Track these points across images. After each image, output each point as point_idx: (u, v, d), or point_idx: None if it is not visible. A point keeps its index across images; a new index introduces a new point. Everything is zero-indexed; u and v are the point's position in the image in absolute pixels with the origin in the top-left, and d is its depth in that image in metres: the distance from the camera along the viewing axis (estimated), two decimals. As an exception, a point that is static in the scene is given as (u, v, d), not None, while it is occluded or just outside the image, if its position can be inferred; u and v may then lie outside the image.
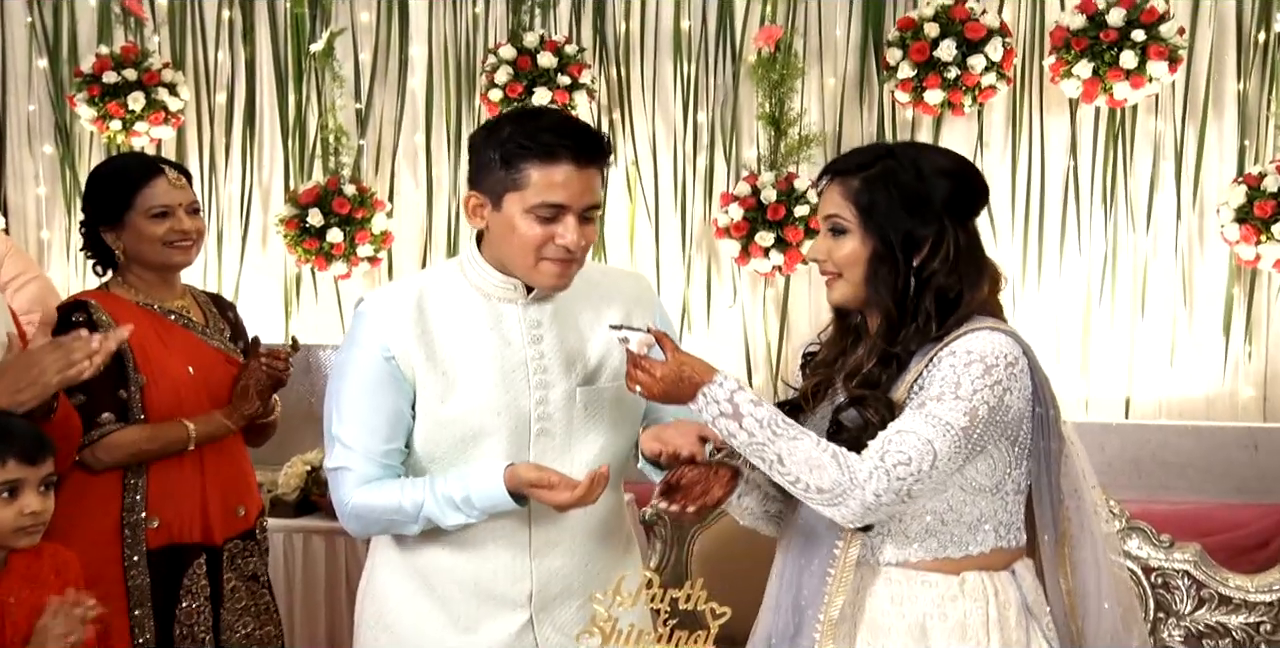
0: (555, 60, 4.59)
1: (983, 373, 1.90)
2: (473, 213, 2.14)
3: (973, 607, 1.98)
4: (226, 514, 2.84)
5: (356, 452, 2.16)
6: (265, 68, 4.98)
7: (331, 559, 3.98)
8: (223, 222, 5.01)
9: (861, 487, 1.85)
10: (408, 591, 2.25)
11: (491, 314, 2.18)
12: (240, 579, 2.87)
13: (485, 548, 2.20)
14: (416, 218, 4.96)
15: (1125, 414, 4.49)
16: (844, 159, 2.09)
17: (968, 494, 1.97)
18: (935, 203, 1.98)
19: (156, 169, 2.81)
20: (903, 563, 2.01)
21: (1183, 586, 2.87)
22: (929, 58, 4.31)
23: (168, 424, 2.73)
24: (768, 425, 1.89)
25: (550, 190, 2.05)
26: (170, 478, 2.76)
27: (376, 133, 4.96)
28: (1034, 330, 4.49)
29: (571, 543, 2.23)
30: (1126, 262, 4.51)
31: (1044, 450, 2.00)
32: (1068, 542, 2.05)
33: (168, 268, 2.82)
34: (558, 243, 2.07)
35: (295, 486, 4.09)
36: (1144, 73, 4.19)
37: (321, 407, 2.23)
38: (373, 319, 2.17)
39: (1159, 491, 4.20)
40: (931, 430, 1.86)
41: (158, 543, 2.74)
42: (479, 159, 2.12)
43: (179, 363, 2.77)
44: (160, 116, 4.77)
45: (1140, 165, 4.49)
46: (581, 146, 2.07)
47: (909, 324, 1.96)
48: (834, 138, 4.68)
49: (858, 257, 1.99)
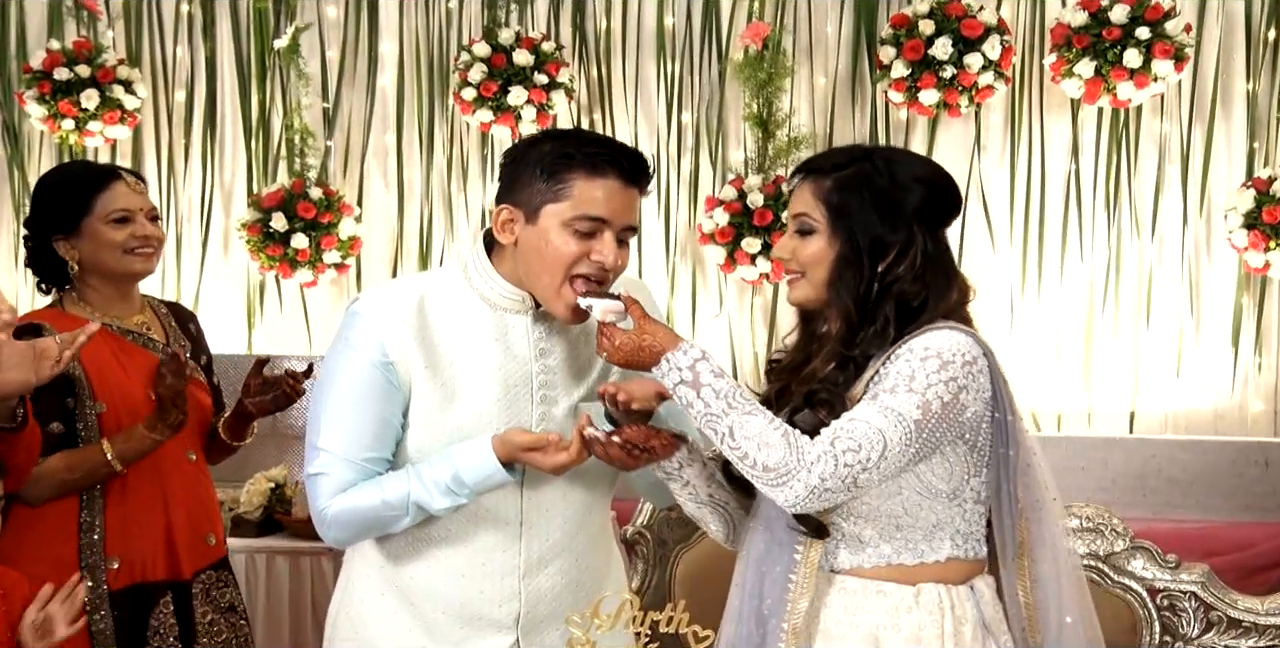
0: (532, 58, 4.58)
1: (939, 368, 1.93)
2: (502, 228, 2.13)
3: (927, 619, 2.01)
4: (196, 544, 2.78)
5: (336, 456, 2.14)
6: (227, 64, 4.95)
7: (297, 581, 3.95)
8: (182, 227, 4.97)
9: (808, 469, 1.88)
10: (387, 608, 2.23)
11: (498, 325, 2.18)
12: (217, 612, 2.81)
13: (473, 569, 2.19)
14: (387, 223, 4.94)
15: (1130, 429, 4.49)
16: (819, 159, 2.13)
17: (924, 498, 1.99)
18: (907, 209, 2.02)
19: (114, 173, 2.79)
20: (858, 570, 2.03)
21: (1189, 608, 2.86)
22: (924, 56, 4.31)
23: (84, 450, 2.66)
24: (724, 397, 1.92)
25: (593, 203, 2.07)
26: (130, 512, 2.69)
27: (344, 133, 4.94)
28: (1034, 341, 4.52)
29: (562, 563, 2.23)
30: (1130, 269, 4.52)
31: (1003, 458, 2.02)
32: (1027, 554, 2.08)
33: (128, 277, 2.77)
34: (593, 259, 2.08)
35: (258, 504, 4.06)
36: (1149, 72, 4.20)
37: (285, 421, 2.22)
38: (370, 320, 2.15)
39: (1165, 508, 4.20)
40: (883, 420, 1.89)
41: (120, 584, 2.68)
42: (515, 172, 2.13)
43: (139, 388, 2.71)
44: (115, 116, 4.74)
45: (1145, 169, 4.50)
46: (628, 164, 2.10)
47: (867, 328, 2.01)
48: (824, 139, 4.68)
49: (823, 257, 2.03)
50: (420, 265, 4.88)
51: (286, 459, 4.52)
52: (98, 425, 2.66)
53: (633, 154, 2.13)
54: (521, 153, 2.14)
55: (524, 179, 2.11)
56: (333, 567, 3.86)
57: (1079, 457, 4.32)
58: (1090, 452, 4.33)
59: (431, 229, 4.89)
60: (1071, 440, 4.40)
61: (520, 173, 2.12)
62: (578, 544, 2.24)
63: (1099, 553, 2.87)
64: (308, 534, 3.94)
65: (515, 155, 2.15)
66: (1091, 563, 2.86)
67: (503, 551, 2.19)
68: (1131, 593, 2.86)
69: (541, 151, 2.10)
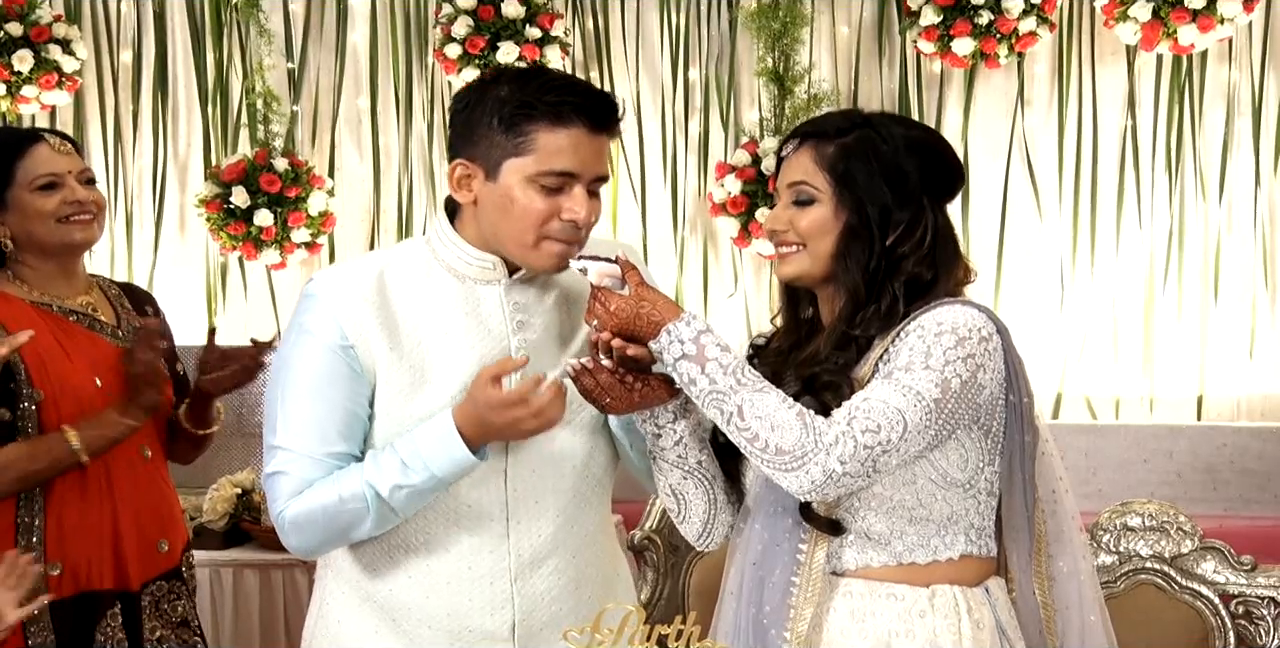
0: (523, 9, 4.57)
1: (955, 344, 1.95)
2: (459, 185, 2.13)
3: (943, 624, 2.01)
4: (145, 551, 2.76)
5: (296, 453, 2.12)
6: (178, 21, 4.95)
7: (267, 596, 3.95)
8: (132, 203, 4.97)
9: (826, 451, 1.88)
10: (366, 628, 2.21)
11: (468, 298, 2.17)
12: (167, 627, 2.80)
13: (458, 574, 2.17)
14: (361, 196, 4.94)
15: (1197, 416, 4.48)
16: (816, 123, 2.14)
17: (939, 488, 2.01)
18: (914, 180, 2.06)
19: (34, 135, 2.78)
20: (864, 572, 2.04)
21: (1268, 616, 2.85)
22: (957, 1, 4.29)
23: (45, 438, 2.63)
24: (732, 373, 1.93)
25: (559, 157, 2.06)
26: (72, 512, 2.67)
27: (312, 97, 4.93)
28: (1088, 320, 4.51)
29: (557, 561, 2.21)
30: (1196, 237, 4.50)
31: (1019, 444, 2.04)
32: (1043, 549, 2.11)
33: (68, 249, 2.77)
34: (564, 218, 2.08)
35: (223, 512, 4.05)
36: (1214, 13, 4.17)
37: (253, 419, 2.20)
38: (325, 302, 2.14)
39: (1238, 504, 4.19)
40: (902, 400, 1.91)
41: (63, 593, 2.64)
42: (468, 121, 2.12)
43: (84, 374, 2.70)
44: (53, 79, 4.72)
45: (1211, 123, 4.48)
46: (595, 109, 2.08)
47: (870, 307, 2.03)
48: (848, 97, 4.67)
49: (827, 227, 2.05)
50: (400, 241, 4.86)
51: (254, 463, 4.51)
52: (36, 415, 2.64)
53: (599, 96, 2.11)
54: (475, 99, 2.12)
55: (479, 130, 2.09)
56: (306, 581, 3.86)
57: (1140, 448, 4.32)
58: (1153, 442, 4.33)
59: (411, 202, 4.89)
60: (1131, 429, 4.39)
61: (475, 123, 2.10)
62: (574, 540, 2.22)
63: (1164, 555, 2.86)
64: (278, 545, 3.92)
65: (468, 101, 2.12)
66: (1156, 566, 2.85)
67: (489, 551, 2.17)
68: (1202, 599, 2.84)
69: (498, 97, 2.08)
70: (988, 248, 4.58)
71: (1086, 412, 4.55)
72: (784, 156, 2.14)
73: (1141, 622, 2.77)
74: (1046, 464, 2.11)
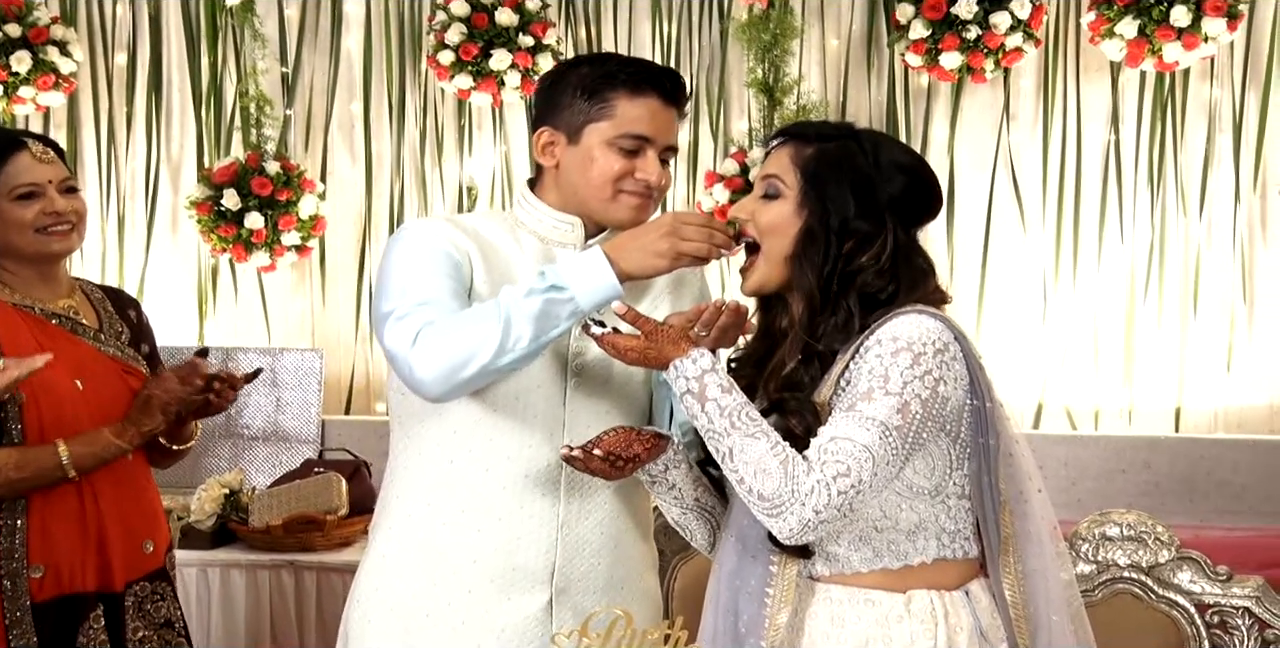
0: (516, 18, 4.58)
1: (911, 363, 1.97)
2: (543, 151, 2.31)
3: (920, 629, 2.04)
4: (130, 552, 2.75)
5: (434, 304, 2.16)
6: (173, 24, 4.96)
7: (254, 598, 3.94)
8: (124, 205, 4.97)
9: (801, 502, 1.92)
10: (411, 561, 2.30)
11: (547, 256, 2.31)
12: (150, 628, 2.79)
13: (510, 513, 2.27)
14: (353, 200, 4.94)
15: (1175, 427, 4.51)
16: (805, 125, 2.21)
17: (903, 498, 2.04)
18: (882, 198, 2.08)
19: (16, 142, 2.74)
20: (840, 577, 2.08)
21: (1243, 626, 2.86)
22: (946, 15, 4.31)
23: (36, 449, 2.63)
24: (728, 415, 1.98)
25: (637, 122, 2.25)
26: (55, 514, 2.66)
27: (305, 101, 4.94)
28: (1069, 332, 4.53)
29: (601, 517, 2.32)
30: (1176, 251, 4.52)
31: (983, 447, 2.06)
32: (1012, 549, 2.13)
33: (44, 259, 2.75)
34: (638, 177, 2.26)
35: (211, 512, 4.04)
36: (1198, 31, 4.19)
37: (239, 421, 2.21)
38: (429, 228, 2.27)
39: (1214, 515, 4.22)
40: (866, 435, 1.94)
41: (45, 595, 2.64)
42: (553, 94, 2.31)
43: (65, 376, 2.68)
44: (49, 80, 4.72)
45: (1193, 139, 4.51)
46: (669, 83, 2.28)
47: (828, 319, 2.07)
48: (837, 107, 4.68)
49: (786, 225, 2.09)
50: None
51: (241, 463, 4.52)
52: (19, 417, 2.64)
53: (672, 74, 2.31)
54: (559, 76, 2.32)
55: (564, 100, 2.28)
56: (294, 582, 3.86)
57: (1119, 458, 4.34)
58: (1132, 453, 4.35)
59: (403, 207, 4.89)
60: (1111, 440, 4.41)
61: (559, 95, 2.29)
62: (618, 501, 2.33)
63: (1141, 564, 2.87)
64: (266, 546, 3.94)
65: (553, 79, 2.33)
66: (1134, 576, 2.86)
67: (543, 494, 2.28)
68: (1178, 609, 2.86)
69: (580, 73, 2.28)
70: (972, 260, 4.61)
71: (1067, 422, 4.57)
72: (768, 152, 2.19)
73: (1118, 631, 2.78)
74: (1015, 466, 2.13)
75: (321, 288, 4.97)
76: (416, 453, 2.31)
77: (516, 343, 2.09)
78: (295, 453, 4.61)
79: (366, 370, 4.97)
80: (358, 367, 4.96)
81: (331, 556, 3.91)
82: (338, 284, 4.98)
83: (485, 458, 2.26)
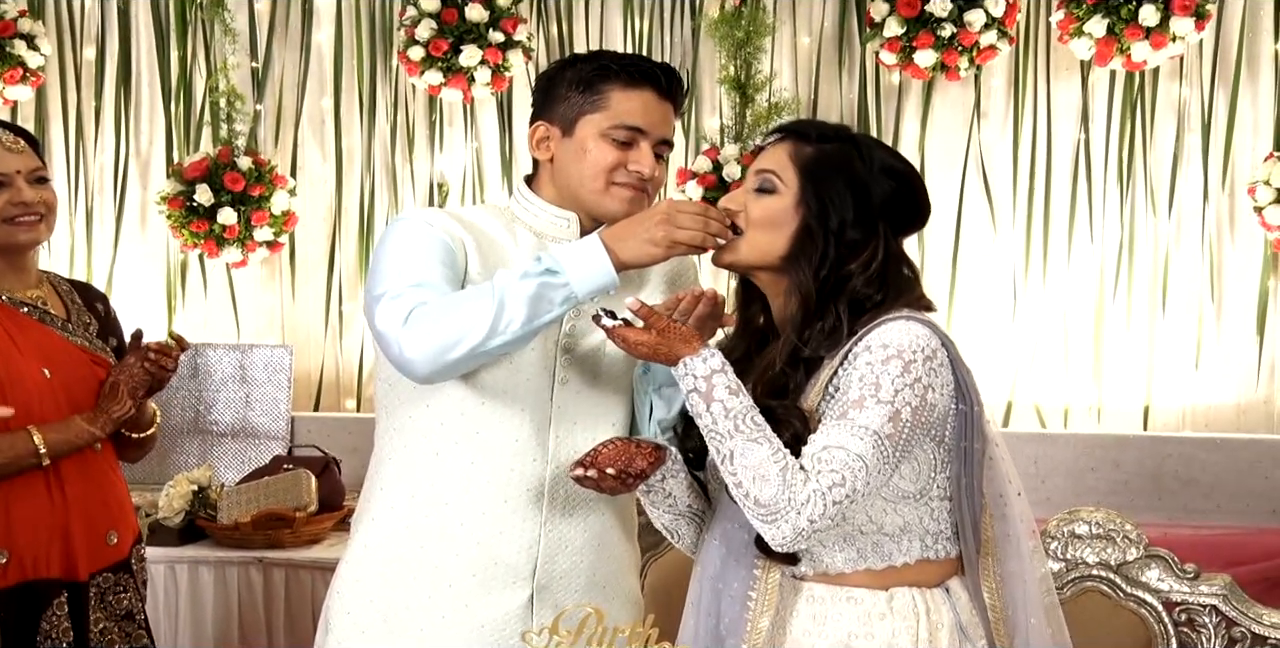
0: (487, 14, 4.57)
1: (901, 371, 1.98)
2: (538, 145, 2.32)
3: (901, 626, 2.05)
4: (94, 543, 2.76)
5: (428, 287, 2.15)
6: (142, 18, 4.92)
7: (223, 595, 3.92)
8: (93, 200, 4.94)
9: (797, 511, 1.93)
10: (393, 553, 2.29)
11: (541, 249, 2.28)
12: (111, 620, 2.80)
13: (493, 507, 2.26)
14: (324, 196, 4.92)
15: (1144, 426, 4.52)
16: (804, 124, 2.19)
17: (889, 503, 2.05)
18: (875, 202, 2.09)
19: None
20: (824, 576, 2.08)
21: (1209, 623, 2.87)
22: (920, 13, 4.32)
23: (10, 435, 2.63)
24: (734, 418, 1.98)
25: (630, 113, 2.26)
26: (20, 501, 2.66)
27: (276, 96, 4.91)
28: (1039, 329, 4.54)
29: (586, 514, 2.32)
30: (1145, 250, 4.53)
31: (966, 451, 2.08)
32: (992, 552, 2.14)
33: (11, 249, 2.75)
34: (631, 168, 2.25)
35: (179, 508, 4.02)
36: (1166, 31, 4.21)
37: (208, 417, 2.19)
38: (426, 217, 2.27)
39: (1182, 513, 4.23)
40: (859, 443, 1.95)
41: (8, 581, 2.65)
42: (549, 89, 2.32)
43: (32, 364, 2.70)
44: (16, 74, 4.70)
45: (1162, 138, 4.52)
46: (664, 77, 2.29)
47: (816, 324, 2.07)
48: (808, 105, 4.68)
49: (780, 219, 2.08)
50: (361, 243, 4.86)
51: (210, 459, 4.50)
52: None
53: (668, 69, 2.32)
54: (555, 72, 2.34)
55: (559, 94, 2.30)
56: (263, 579, 3.84)
57: (1088, 456, 4.35)
58: (1100, 451, 4.36)
59: (373, 203, 4.87)
60: (1080, 438, 4.43)
61: (554, 89, 2.31)
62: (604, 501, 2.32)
63: (1110, 562, 2.88)
64: (234, 543, 3.92)
65: (549, 75, 2.35)
66: (1102, 573, 2.87)
67: (527, 488, 2.27)
68: (1146, 607, 2.87)
69: (576, 68, 2.30)
70: (942, 258, 4.61)
71: (1036, 420, 4.59)
72: (763, 147, 2.18)
73: (1086, 628, 2.78)
74: (996, 470, 2.14)
75: (291, 284, 4.95)
76: (402, 445, 2.29)
77: (509, 325, 2.08)
78: (264, 449, 4.59)
79: (336, 367, 4.95)
80: (327, 363, 4.94)
81: (300, 552, 3.89)
82: (307, 280, 4.95)
83: (471, 450, 2.25)
